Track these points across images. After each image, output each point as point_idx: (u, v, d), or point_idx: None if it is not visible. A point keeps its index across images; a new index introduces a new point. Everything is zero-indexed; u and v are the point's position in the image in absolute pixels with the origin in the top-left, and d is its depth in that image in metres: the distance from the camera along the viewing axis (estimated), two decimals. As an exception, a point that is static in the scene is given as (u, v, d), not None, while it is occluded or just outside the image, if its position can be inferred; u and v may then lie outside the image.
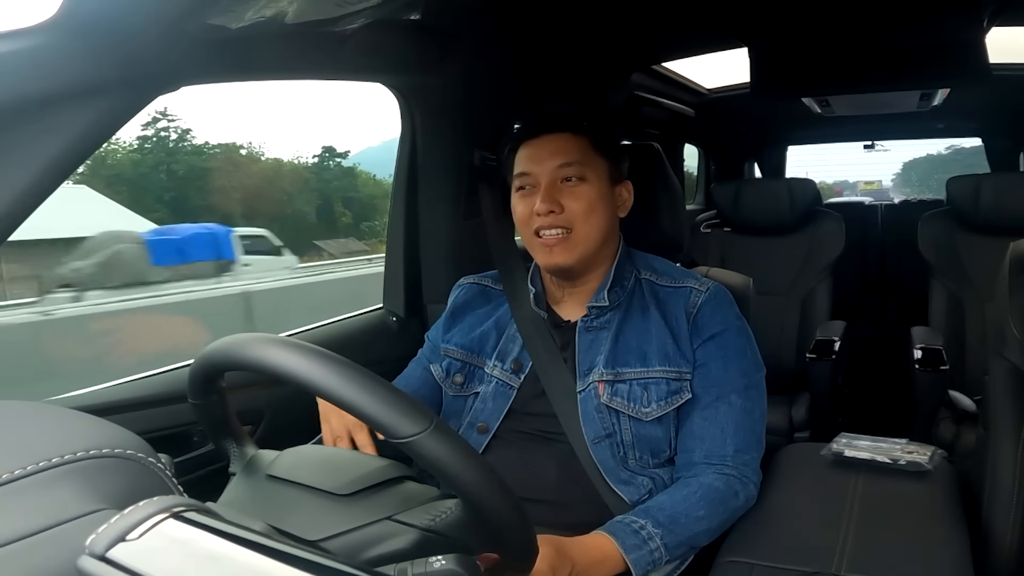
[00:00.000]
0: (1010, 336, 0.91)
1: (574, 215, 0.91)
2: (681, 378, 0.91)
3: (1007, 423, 0.90)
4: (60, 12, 0.63)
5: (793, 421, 1.78)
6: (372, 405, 0.47)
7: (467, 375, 0.99)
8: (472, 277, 1.08)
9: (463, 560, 0.48)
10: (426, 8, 0.95)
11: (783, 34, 1.62)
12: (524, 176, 0.94)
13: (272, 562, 0.35)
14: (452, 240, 1.36)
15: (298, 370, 0.49)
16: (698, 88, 2.52)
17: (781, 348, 2.03)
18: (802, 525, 0.88)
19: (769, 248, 2.18)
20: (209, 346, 0.56)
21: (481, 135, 1.35)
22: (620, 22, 1.46)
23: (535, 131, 0.95)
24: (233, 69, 0.90)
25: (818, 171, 7.26)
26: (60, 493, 0.37)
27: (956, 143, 15.40)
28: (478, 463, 0.49)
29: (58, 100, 0.65)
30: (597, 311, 0.95)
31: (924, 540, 0.83)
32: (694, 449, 0.90)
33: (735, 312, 0.96)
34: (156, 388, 1.00)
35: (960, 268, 1.90)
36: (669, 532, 0.82)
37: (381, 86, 1.28)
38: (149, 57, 0.72)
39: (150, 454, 0.41)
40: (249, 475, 0.60)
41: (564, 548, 0.75)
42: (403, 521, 0.52)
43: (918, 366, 1.66)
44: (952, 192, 1.95)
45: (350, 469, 0.57)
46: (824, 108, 2.55)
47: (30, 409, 0.45)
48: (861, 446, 1.03)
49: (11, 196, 0.63)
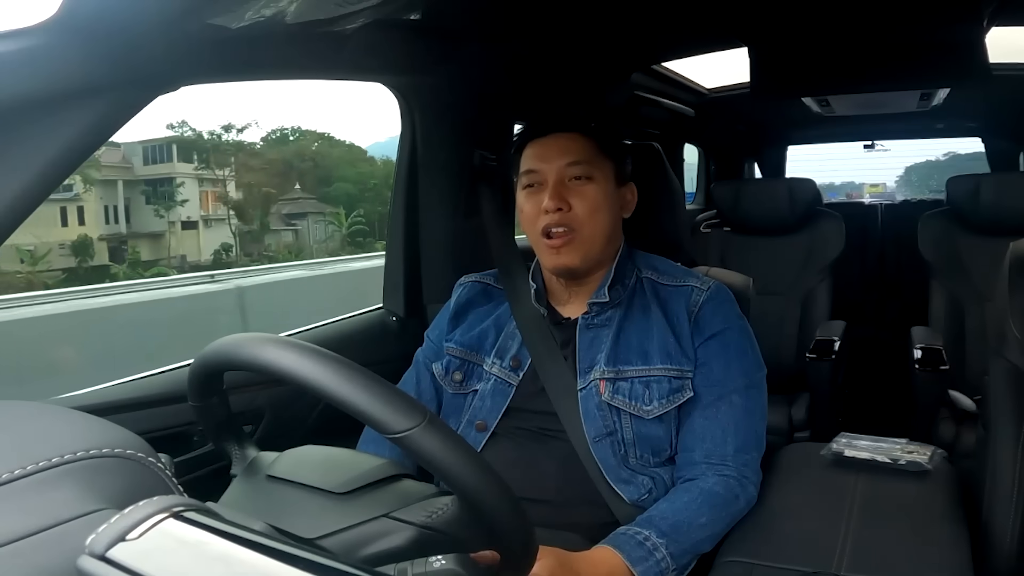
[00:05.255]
0: (1010, 336, 0.91)
1: (581, 214, 0.91)
2: (683, 376, 0.91)
3: (1007, 423, 0.90)
4: (60, 12, 0.63)
5: (793, 421, 1.78)
6: (365, 401, 0.47)
7: (466, 373, 0.99)
8: (474, 275, 1.09)
9: (463, 560, 0.48)
10: (426, 8, 0.95)
11: (783, 34, 1.62)
12: (532, 174, 0.94)
13: (272, 562, 0.35)
14: (452, 240, 1.36)
15: (292, 367, 0.49)
16: (698, 88, 2.52)
17: (781, 348, 2.03)
18: (802, 525, 0.88)
19: (769, 248, 2.18)
20: (206, 347, 0.56)
21: (481, 135, 1.35)
22: (620, 22, 1.46)
23: (543, 130, 0.96)
24: (233, 69, 0.90)
25: (820, 175, 7.25)
26: (60, 493, 0.37)
27: (953, 149, 15.73)
28: (472, 458, 0.49)
29: (58, 100, 0.65)
30: (598, 308, 0.95)
31: (924, 540, 0.83)
32: (695, 448, 0.90)
33: (736, 311, 0.96)
34: (156, 388, 1.00)
35: (960, 268, 1.90)
36: (673, 541, 0.81)
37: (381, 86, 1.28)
38: (149, 57, 0.72)
39: (150, 454, 0.41)
40: (250, 476, 0.61)
41: (569, 562, 0.74)
42: (400, 518, 0.52)
43: (918, 366, 1.66)
44: (952, 192, 1.95)
45: (348, 468, 0.57)
46: (824, 108, 2.55)
47: (30, 409, 0.45)
48: (861, 446, 1.03)
49: (11, 196, 0.63)
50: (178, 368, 1.05)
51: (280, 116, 46.26)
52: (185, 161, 20.89)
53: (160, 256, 20.35)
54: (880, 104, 2.52)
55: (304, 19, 0.78)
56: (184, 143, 20.89)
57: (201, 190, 21.14)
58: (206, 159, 21.12)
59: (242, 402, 1.05)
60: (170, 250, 20.60)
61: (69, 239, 19.07)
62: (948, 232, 1.94)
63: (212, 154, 21.27)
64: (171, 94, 0.79)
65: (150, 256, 20.23)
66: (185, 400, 0.61)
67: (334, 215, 23.67)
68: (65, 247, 18.96)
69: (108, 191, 19.78)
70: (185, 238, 20.97)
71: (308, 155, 23.24)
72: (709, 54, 1.92)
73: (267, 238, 22.51)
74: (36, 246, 17.79)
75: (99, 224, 19.95)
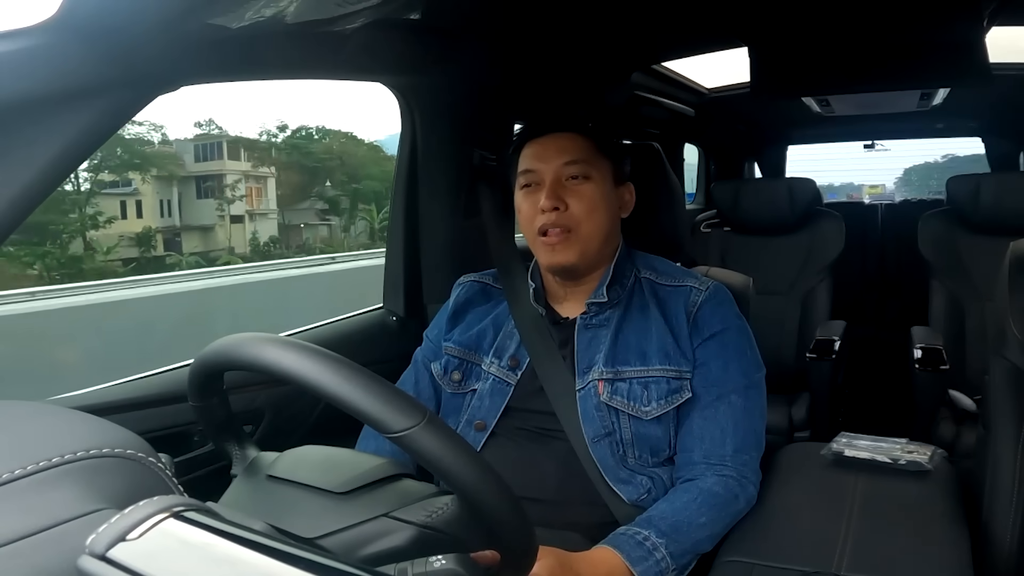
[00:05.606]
0: (1010, 336, 0.91)
1: (578, 213, 0.91)
2: (681, 377, 0.91)
3: (1007, 423, 0.90)
4: (60, 12, 0.63)
5: (793, 421, 1.78)
6: (365, 400, 0.47)
7: (464, 372, 0.99)
8: (473, 275, 1.08)
9: (463, 559, 0.48)
10: (426, 8, 0.95)
11: (783, 34, 1.62)
12: (529, 173, 0.94)
13: (272, 562, 0.35)
14: (452, 240, 1.36)
15: (291, 367, 0.49)
16: (698, 88, 2.52)
17: (781, 348, 2.04)
18: (802, 525, 0.88)
19: (769, 248, 2.18)
20: (206, 347, 0.56)
21: (481, 135, 1.35)
22: (620, 22, 1.46)
23: (541, 129, 0.96)
24: (233, 69, 0.90)
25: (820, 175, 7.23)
26: (60, 493, 0.37)
27: (952, 151, 15.88)
28: (472, 458, 0.49)
29: (58, 100, 0.65)
30: (596, 308, 0.95)
31: (924, 540, 0.83)
32: (694, 448, 0.90)
33: (735, 311, 0.96)
34: (156, 388, 1.00)
35: (960, 268, 1.90)
36: (673, 541, 0.81)
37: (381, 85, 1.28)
38: (149, 57, 0.72)
39: (150, 454, 0.41)
40: (250, 476, 0.61)
41: (569, 562, 0.74)
42: (400, 518, 0.52)
43: (918, 366, 1.66)
44: (952, 192, 1.95)
45: (348, 467, 0.57)
46: (824, 108, 2.55)
47: (30, 409, 0.45)
48: (861, 446, 1.03)
49: (11, 196, 0.63)
50: (178, 368, 1.05)
51: (304, 115, 46.82)
52: (233, 159, 22.39)
53: (210, 247, 21.86)
54: (880, 104, 2.53)
55: (304, 19, 0.78)
56: (232, 141, 22.42)
57: (246, 186, 22.70)
58: (252, 157, 22.96)
59: (242, 402, 1.05)
60: (231, 240, 22.21)
61: (132, 231, 20.62)
62: (948, 232, 1.94)
63: (257, 152, 23.12)
64: (200, 96, 0.79)
65: (202, 247, 21.74)
66: (185, 400, 0.61)
67: (366, 211, 25.12)
68: (127, 238, 20.51)
69: (163, 186, 21.42)
70: (234, 231, 22.55)
71: (335, 153, 24.29)
72: (709, 54, 1.92)
73: (305, 232, 23.86)
74: (99, 237, 19.28)
75: (155, 217, 21.47)
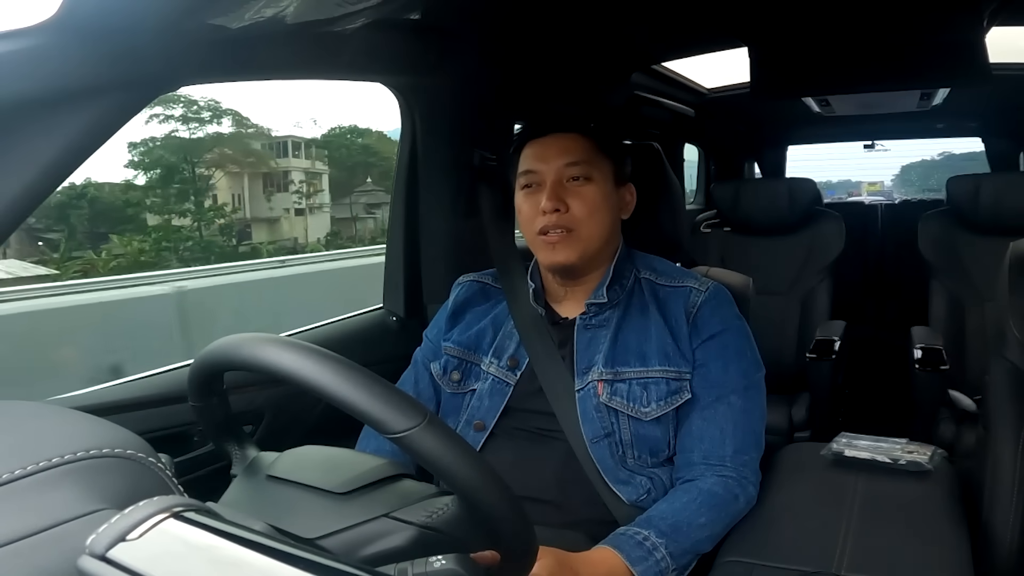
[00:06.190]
0: (1010, 336, 0.91)
1: (579, 215, 0.91)
2: (681, 378, 0.91)
3: (1007, 423, 0.90)
4: (60, 12, 0.63)
5: (793, 421, 1.78)
6: (365, 401, 0.47)
7: (464, 372, 0.99)
8: (472, 275, 1.08)
9: (463, 560, 0.48)
10: (426, 8, 0.95)
11: (783, 34, 1.62)
12: (530, 174, 0.94)
13: (272, 562, 0.35)
14: (452, 240, 1.36)
15: (291, 367, 0.49)
16: (698, 88, 2.52)
17: (781, 348, 2.03)
18: (802, 525, 0.88)
19: (769, 248, 2.18)
20: (206, 347, 0.56)
21: (481, 135, 1.35)
22: (620, 22, 1.46)
23: (542, 130, 0.95)
24: (233, 69, 0.90)
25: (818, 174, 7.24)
26: (60, 493, 0.37)
27: (948, 149, 15.96)
28: (472, 458, 0.49)
29: (58, 100, 0.65)
30: (596, 308, 0.95)
31: (924, 540, 0.83)
32: (693, 449, 0.90)
33: (735, 312, 0.96)
34: (156, 388, 1.00)
35: (960, 268, 1.90)
36: (673, 541, 0.81)
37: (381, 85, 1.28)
38: (149, 57, 0.72)
39: (150, 454, 0.41)
40: (250, 476, 0.61)
41: (568, 562, 0.74)
42: (400, 518, 0.52)
43: (918, 366, 1.66)
44: (952, 192, 1.95)
45: (348, 468, 0.57)
46: (824, 108, 2.55)
47: (30, 409, 0.45)
48: (861, 446, 1.03)
49: (11, 196, 0.63)
50: (178, 368, 1.05)
51: (338, 115, 47.35)
52: (295, 156, 24.33)
53: (275, 238, 23.44)
54: (880, 104, 2.52)
55: (304, 19, 0.78)
56: (296, 141, 24.36)
57: (303, 181, 24.41)
58: (309, 155, 24.94)
59: (242, 402, 1.05)
60: (307, 232, 23.95)
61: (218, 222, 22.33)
62: (948, 232, 1.94)
63: (313, 150, 25.04)
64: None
65: (271, 238, 23.38)
66: (185, 400, 0.61)
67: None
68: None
69: (234, 181, 23.33)
70: (296, 223, 24.32)
71: (371, 151, 25.93)
72: (709, 54, 1.92)
73: (357, 224, 25.57)
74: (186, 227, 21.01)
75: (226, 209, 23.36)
